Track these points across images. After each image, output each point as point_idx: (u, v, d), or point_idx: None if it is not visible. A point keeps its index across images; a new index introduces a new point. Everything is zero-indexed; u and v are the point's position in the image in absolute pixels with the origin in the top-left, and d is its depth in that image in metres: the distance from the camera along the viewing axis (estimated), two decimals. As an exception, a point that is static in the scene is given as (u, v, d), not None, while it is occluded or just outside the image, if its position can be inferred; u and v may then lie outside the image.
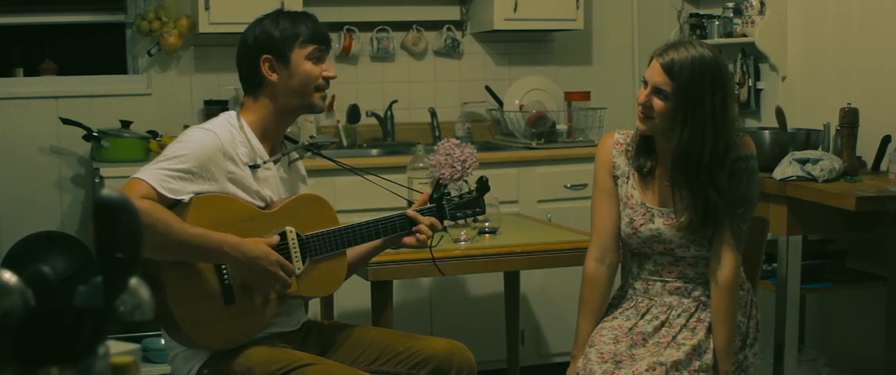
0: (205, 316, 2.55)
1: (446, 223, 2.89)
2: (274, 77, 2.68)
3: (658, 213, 2.79)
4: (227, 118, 2.70)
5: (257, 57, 2.69)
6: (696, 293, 2.80)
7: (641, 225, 2.79)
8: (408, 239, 2.80)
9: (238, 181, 2.61)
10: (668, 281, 2.81)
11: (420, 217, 2.80)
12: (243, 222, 2.59)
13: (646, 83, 2.72)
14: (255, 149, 2.67)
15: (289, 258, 2.63)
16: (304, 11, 2.80)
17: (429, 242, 2.82)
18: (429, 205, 2.85)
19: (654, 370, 2.65)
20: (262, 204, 2.66)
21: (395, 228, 2.79)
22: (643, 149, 2.81)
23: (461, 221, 2.94)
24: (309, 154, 2.88)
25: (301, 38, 2.69)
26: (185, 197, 2.51)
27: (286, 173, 2.79)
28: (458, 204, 2.89)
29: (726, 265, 2.72)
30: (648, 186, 2.82)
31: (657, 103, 2.69)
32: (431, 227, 2.80)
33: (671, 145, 2.71)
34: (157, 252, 2.47)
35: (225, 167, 2.59)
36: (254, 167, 2.65)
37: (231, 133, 2.64)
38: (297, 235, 2.65)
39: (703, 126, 2.65)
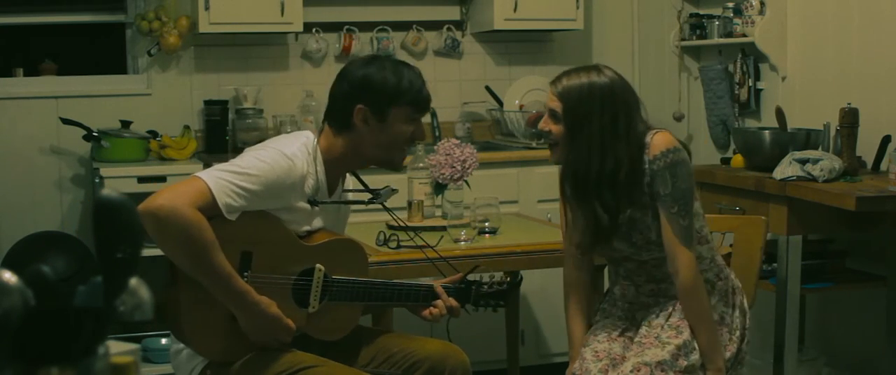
0: (211, 325, 2.54)
1: (469, 307, 2.86)
2: (364, 128, 2.64)
3: None
4: (306, 143, 2.64)
5: (353, 102, 2.63)
6: (672, 292, 2.78)
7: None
8: (424, 313, 2.80)
9: (293, 210, 2.60)
10: (640, 285, 2.81)
11: (444, 295, 2.78)
12: (278, 245, 2.58)
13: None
14: (320, 184, 2.65)
15: (308, 294, 2.62)
16: (414, 68, 2.72)
17: (445, 320, 2.81)
18: (457, 285, 2.83)
19: (638, 370, 2.63)
20: (303, 233, 2.65)
21: (418, 297, 2.78)
22: None
23: (481, 309, 2.91)
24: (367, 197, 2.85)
25: (405, 98, 2.64)
26: (233, 217, 2.48)
27: (342, 206, 2.79)
28: (485, 293, 2.85)
29: (681, 266, 2.67)
30: None
31: (554, 127, 2.70)
32: (450, 310, 2.78)
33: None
34: (179, 261, 2.46)
35: (288, 198, 2.57)
36: (313, 203, 2.62)
37: (306, 163, 2.60)
38: (325, 275, 2.63)
39: (589, 144, 2.65)
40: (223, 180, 2.45)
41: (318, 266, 2.62)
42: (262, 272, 2.55)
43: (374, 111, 2.63)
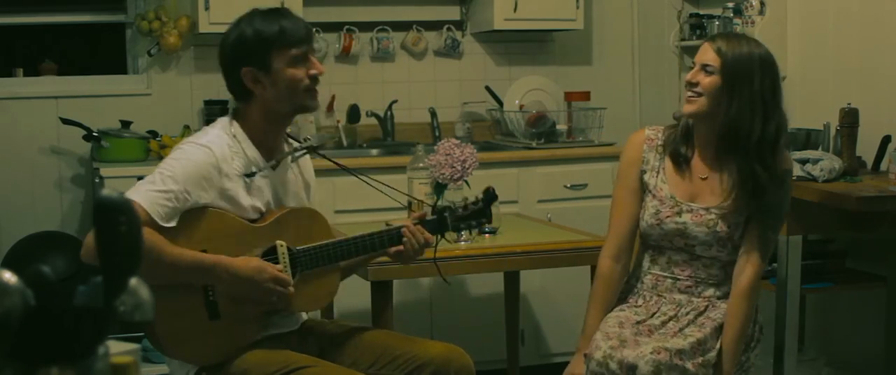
0: (187, 332, 2.54)
1: (451, 235, 2.81)
2: (258, 88, 2.59)
3: (686, 209, 2.79)
4: (223, 126, 2.63)
5: (237, 68, 2.59)
6: (707, 293, 2.80)
7: (667, 217, 2.78)
8: (392, 249, 2.69)
9: (231, 197, 2.57)
10: (678, 280, 2.81)
11: (412, 228, 2.69)
12: (233, 236, 2.56)
13: (694, 65, 2.77)
14: (250, 158, 2.61)
15: None
16: (279, 9, 2.66)
17: (422, 253, 2.72)
18: (430, 218, 2.77)
19: (659, 353, 2.64)
20: (254, 215, 2.62)
21: (388, 242, 2.70)
22: (682, 139, 2.83)
23: (465, 232, 2.87)
24: (307, 154, 2.81)
25: (279, 42, 2.57)
26: (174, 223, 2.47)
27: (290, 175, 2.73)
28: (462, 216, 2.79)
29: (747, 271, 2.75)
30: (682, 179, 2.82)
31: (705, 79, 2.72)
32: (424, 243, 2.70)
33: (714, 128, 2.74)
34: (148, 276, 2.44)
35: (219, 184, 2.54)
36: (249, 175, 2.59)
37: (226, 145, 2.58)
38: (289, 249, 2.61)
39: (752, 102, 2.69)
40: (150, 193, 2.45)
41: (278, 242, 2.59)
42: None
43: (258, 66, 2.57)
